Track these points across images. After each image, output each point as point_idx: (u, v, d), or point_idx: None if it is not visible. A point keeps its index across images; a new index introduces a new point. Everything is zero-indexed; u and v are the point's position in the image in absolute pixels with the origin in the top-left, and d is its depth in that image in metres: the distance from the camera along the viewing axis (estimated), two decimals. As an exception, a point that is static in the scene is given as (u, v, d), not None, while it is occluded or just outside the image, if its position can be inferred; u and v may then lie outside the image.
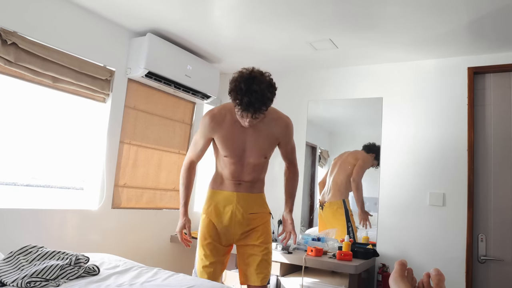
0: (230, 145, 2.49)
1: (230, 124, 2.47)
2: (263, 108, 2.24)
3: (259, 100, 2.19)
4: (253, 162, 2.54)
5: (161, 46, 3.52)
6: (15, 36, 2.70)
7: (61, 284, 1.98)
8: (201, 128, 2.53)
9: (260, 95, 2.19)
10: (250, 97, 2.17)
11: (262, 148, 2.52)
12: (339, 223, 3.87)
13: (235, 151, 2.49)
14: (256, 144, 2.49)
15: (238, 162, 2.53)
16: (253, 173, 2.58)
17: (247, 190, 2.60)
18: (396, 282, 0.89)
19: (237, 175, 2.56)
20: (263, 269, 2.55)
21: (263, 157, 2.55)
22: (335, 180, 3.99)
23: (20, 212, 2.79)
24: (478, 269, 3.29)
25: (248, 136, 2.48)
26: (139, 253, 3.63)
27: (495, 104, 3.40)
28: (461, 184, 3.38)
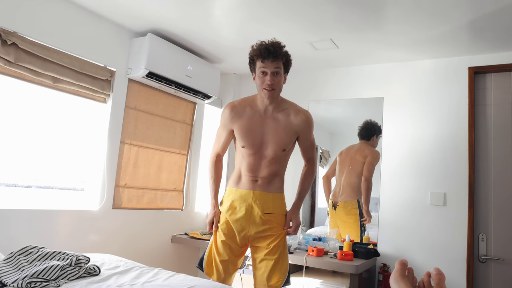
0: (249, 136, 2.52)
1: (250, 116, 2.54)
2: (281, 52, 2.43)
3: (276, 45, 2.43)
4: (271, 155, 2.52)
5: (161, 46, 3.52)
6: (15, 36, 2.70)
7: (61, 284, 1.98)
8: (222, 119, 2.62)
9: (276, 42, 2.45)
10: (266, 45, 2.41)
11: (281, 140, 2.52)
12: (353, 224, 3.84)
13: (253, 141, 2.52)
14: (275, 135, 2.51)
15: (256, 153, 2.53)
16: (270, 166, 2.54)
17: (264, 188, 2.56)
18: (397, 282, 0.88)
19: (255, 168, 2.54)
20: (273, 275, 2.51)
21: (282, 150, 2.53)
22: (347, 180, 3.96)
23: (20, 213, 2.79)
24: (479, 268, 3.28)
25: (267, 128, 2.52)
26: (140, 253, 3.63)
27: (495, 104, 3.40)
28: (462, 184, 3.38)
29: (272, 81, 2.42)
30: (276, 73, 2.43)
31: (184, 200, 4.19)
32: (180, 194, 4.15)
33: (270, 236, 2.55)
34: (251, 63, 2.52)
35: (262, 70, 2.43)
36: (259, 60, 2.43)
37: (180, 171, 4.14)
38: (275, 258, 2.52)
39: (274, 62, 2.41)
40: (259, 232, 2.54)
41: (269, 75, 2.42)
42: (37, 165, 3.06)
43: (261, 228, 2.53)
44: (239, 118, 2.54)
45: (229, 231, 2.57)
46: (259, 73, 2.45)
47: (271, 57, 2.39)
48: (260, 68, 2.44)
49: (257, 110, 2.54)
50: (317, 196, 4.15)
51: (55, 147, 3.16)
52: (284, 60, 2.46)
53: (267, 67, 2.42)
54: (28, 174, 3.01)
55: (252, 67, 2.52)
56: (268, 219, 2.54)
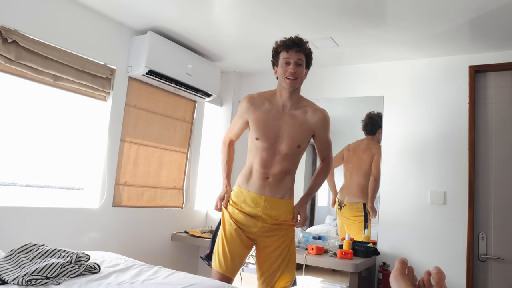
0: (264, 128, 2.53)
1: (268, 110, 2.56)
2: (305, 44, 2.53)
3: (301, 39, 2.53)
4: (285, 150, 2.51)
5: (161, 45, 3.52)
6: (15, 34, 2.70)
7: (62, 282, 1.98)
8: (239, 109, 2.64)
9: (300, 38, 2.55)
10: (292, 38, 2.52)
11: (296, 136, 2.53)
12: (358, 227, 3.83)
13: (268, 134, 2.52)
14: (291, 130, 2.52)
15: (270, 148, 2.52)
16: (283, 162, 2.53)
17: (274, 190, 2.53)
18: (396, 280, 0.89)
19: (267, 164, 2.52)
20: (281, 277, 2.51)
21: (296, 146, 2.53)
22: (355, 181, 3.94)
23: (21, 211, 2.79)
24: (479, 267, 3.29)
25: (284, 123, 2.53)
26: (140, 251, 3.63)
27: (496, 103, 3.40)
28: (462, 183, 3.38)
29: (294, 70, 2.47)
30: (299, 64, 2.49)
31: (184, 198, 4.19)
32: (180, 192, 4.16)
33: (278, 238, 2.54)
34: (274, 56, 2.58)
35: (286, 60, 2.49)
36: (284, 51, 2.50)
37: (180, 169, 4.15)
38: (283, 259, 2.52)
39: (298, 53, 2.48)
40: (267, 232, 2.54)
41: (292, 64, 2.47)
42: (37, 164, 3.07)
43: (269, 230, 2.54)
44: (256, 109, 2.56)
45: (240, 220, 2.55)
46: (282, 63, 2.50)
47: (296, 47, 2.48)
48: (284, 59, 2.50)
49: (275, 104, 2.56)
50: (317, 194, 4.14)
51: (55, 145, 3.16)
52: (307, 53, 2.53)
53: (290, 57, 2.48)
54: (28, 173, 3.01)
55: (275, 59, 2.57)
56: (279, 223, 2.55)
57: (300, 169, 4.06)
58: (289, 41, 2.50)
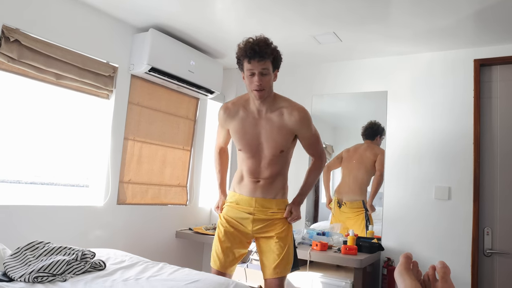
0: (244, 138, 2.48)
1: (243, 118, 2.49)
2: (268, 51, 2.32)
3: (262, 44, 2.32)
4: (269, 157, 2.47)
5: (163, 42, 3.52)
6: (17, 33, 2.70)
7: (67, 279, 1.99)
8: (218, 120, 2.61)
9: (264, 41, 2.34)
10: (252, 44, 2.32)
11: (277, 141, 2.45)
12: (359, 225, 3.83)
13: (249, 144, 2.47)
14: (270, 136, 2.45)
15: (254, 156, 2.48)
16: (270, 168, 2.50)
17: (265, 191, 2.52)
18: (401, 275, 0.88)
19: (255, 171, 2.50)
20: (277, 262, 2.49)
21: (279, 151, 2.47)
22: (355, 177, 3.94)
23: (26, 209, 2.80)
24: (484, 262, 3.28)
25: (262, 129, 2.46)
26: (145, 248, 3.64)
27: (501, 97, 3.38)
28: (467, 178, 3.37)
29: (260, 82, 2.34)
30: (264, 73, 2.35)
31: (188, 196, 4.20)
32: (184, 189, 4.16)
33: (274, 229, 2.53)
34: (238, 63, 2.44)
35: (250, 71, 2.36)
36: (246, 61, 2.36)
37: (183, 166, 4.15)
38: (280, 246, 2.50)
39: (261, 62, 2.32)
40: (262, 227, 2.53)
41: (257, 75, 2.34)
42: (41, 162, 3.08)
43: (264, 224, 2.53)
44: (232, 120, 2.51)
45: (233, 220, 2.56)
46: (247, 74, 2.38)
47: (258, 57, 2.31)
48: (247, 70, 2.37)
49: (250, 111, 2.48)
50: (321, 191, 4.14)
51: (59, 144, 3.17)
52: (272, 59, 2.37)
53: (254, 68, 2.34)
54: (32, 171, 3.02)
55: (240, 67, 2.45)
56: (271, 217, 2.53)
57: (304, 164, 4.06)
58: (250, 51, 2.32)
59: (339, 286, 3.12)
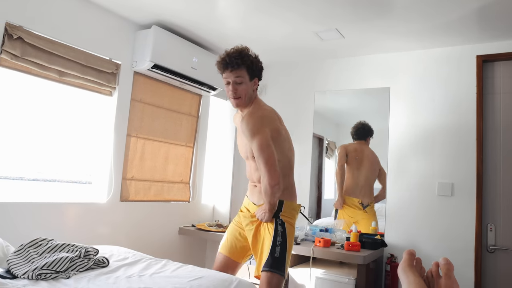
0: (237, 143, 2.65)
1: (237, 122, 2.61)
2: (239, 60, 2.41)
3: (233, 55, 2.43)
4: (251, 162, 2.54)
5: (166, 39, 3.51)
6: (20, 30, 2.70)
7: (71, 276, 2.00)
8: None
9: (236, 50, 2.45)
10: (224, 57, 2.45)
11: (242, 147, 2.56)
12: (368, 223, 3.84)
13: (239, 148, 2.63)
14: (240, 142, 2.59)
15: (246, 160, 2.60)
16: (256, 172, 2.51)
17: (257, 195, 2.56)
18: (405, 272, 0.88)
19: (249, 174, 2.61)
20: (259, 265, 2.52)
21: (251, 156, 2.46)
22: (368, 181, 3.93)
23: (30, 206, 2.81)
24: (487, 258, 3.27)
25: (239, 135, 2.61)
26: (148, 245, 3.65)
27: (504, 93, 3.37)
28: (469, 174, 3.36)
29: (234, 90, 2.45)
30: (238, 82, 2.44)
31: (190, 192, 4.20)
32: (186, 186, 4.17)
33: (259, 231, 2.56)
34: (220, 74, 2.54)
35: (225, 80, 2.49)
36: (221, 71, 2.50)
37: (186, 163, 4.15)
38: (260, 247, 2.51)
39: (233, 71, 2.43)
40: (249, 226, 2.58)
41: (231, 85, 2.45)
42: (44, 159, 3.08)
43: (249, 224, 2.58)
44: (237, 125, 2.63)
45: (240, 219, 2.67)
46: (224, 83, 2.51)
47: (229, 67, 2.43)
48: (224, 79, 2.50)
49: (238, 118, 2.59)
50: (324, 187, 4.14)
51: (62, 141, 3.18)
52: (246, 67, 2.44)
53: (228, 77, 2.46)
54: (35, 167, 3.02)
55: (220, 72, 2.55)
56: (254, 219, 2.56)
57: (307, 161, 4.06)
58: (222, 62, 2.45)
59: (342, 283, 3.13)
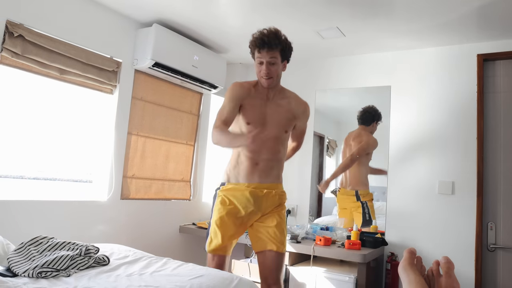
0: (255, 112, 2.58)
1: (254, 95, 2.61)
2: (276, 41, 2.46)
3: (273, 33, 2.47)
4: (273, 134, 2.56)
5: (167, 37, 3.51)
6: (21, 28, 2.70)
7: (71, 274, 2.00)
8: (229, 94, 2.61)
9: (274, 31, 2.49)
10: (262, 35, 2.46)
11: (283, 120, 2.61)
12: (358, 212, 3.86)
13: (259, 118, 2.58)
14: (277, 116, 2.59)
15: (260, 132, 2.50)
16: (272, 148, 2.56)
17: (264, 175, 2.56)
18: (405, 270, 0.88)
19: (257, 148, 2.50)
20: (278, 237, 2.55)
21: (284, 131, 2.62)
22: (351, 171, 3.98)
23: (30, 204, 2.82)
24: (488, 257, 3.27)
25: (270, 110, 2.60)
26: (149, 243, 3.65)
27: (505, 92, 3.36)
28: (470, 172, 3.36)
29: (268, 70, 2.50)
30: (272, 63, 2.49)
31: (191, 191, 4.21)
32: (187, 184, 4.17)
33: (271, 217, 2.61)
34: (251, 52, 2.59)
35: (259, 60, 2.51)
36: (256, 50, 2.51)
37: (187, 161, 4.15)
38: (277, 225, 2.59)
39: (269, 52, 2.47)
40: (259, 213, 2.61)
41: (265, 64, 2.49)
42: (44, 157, 3.08)
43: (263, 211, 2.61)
44: (246, 94, 2.59)
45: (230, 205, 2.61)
46: (256, 62, 2.54)
47: (266, 47, 2.46)
48: (257, 58, 2.53)
49: (259, 93, 2.62)
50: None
51: (62, 139, 3.18)
52: (280, 49, 2.50)
53: (262, 57, 2.49)
54: (35, 166, 3.02)
55: (252, 55, 2.59)
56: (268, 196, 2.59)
57: (308, 159, 4.06)
58: (259, 41, 2.48)
59: (342, 281, 3.13)
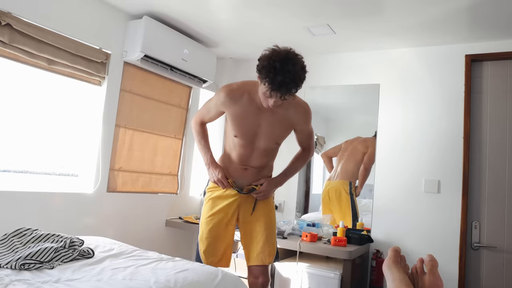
0: (243, 125, 2.41)
1: (247, 104, 2.38)
2: (294, 90, 2.15)
3: (293, 80, 2.11)
4: (263, 147, 2.48)
5: (157, 30, 3.49)
6: (9, 17, 2.66)
7: (55, 266, 1.98)
8: (215, 99, 2.47)
9: (294, 76, 2.10)
10: (284, 77, 2.08)
11: (275, 134, 2.46)
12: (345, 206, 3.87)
13: (247, 132, 2.42)
14: (269, 129, 2.42)
15: (248, 145, 2.47)
16: (262, 158, 2.54)
17: (252, 178, 2.59)
18: (389, 268, 0.89)
19: (245, 159, 2.52)
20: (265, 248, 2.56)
21: (275, 143, 2.51)
22: (344, 167, 3.97)
23: (14, 195, 2.78)
24: (471, 255, 3.31)
25: (263, 120, 2.41)
26: (135, 236, 3.64)
27: (491, 92, 3.40)
28: (456, 172, 3.39)
29: (275, 105, 2.22)
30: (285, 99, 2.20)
31: (178, 184, 4.19)
32: (174, 178, 4.16)
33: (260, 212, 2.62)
34: (258, 71, 2.20)
35: (268, 94, 2.17)
36: (267, 85, 2.13)
37: (175, 155, 4.14)
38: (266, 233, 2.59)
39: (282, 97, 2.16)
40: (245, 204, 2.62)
41: (273, 101, 2.19)
42: (30, 149, 3.04)
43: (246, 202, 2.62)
44: (234, 104, 2.38)
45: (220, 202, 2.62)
46: (265, 92, 2.18)
47: (281, 92, 2.13)
48: (266, 91, 2.16)
49: (255, 99, 2.37)
50: (312, 182, 4.16)
51: (49, 130, 3.14)
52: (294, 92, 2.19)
53: (273, 96, 2.16)
54: (21, 158, 2.98)
55: (259, 76, 2.20)
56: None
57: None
58: (277, 83, 2.09)
59: (328, 277, 3.14)
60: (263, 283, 2.55)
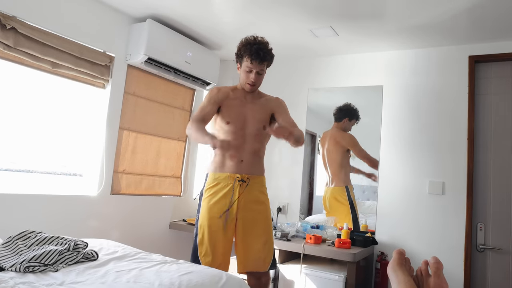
0: (233, 112, 2.73)
1: (233, 98, 2.77)
2: (269, 57, 2.67)
3: (267, 49, 2.67)
4: (253, 131, 2.71)
5: (161, 32, 3.50)
6: (14, 20, 2.67)
7: (59, 269, 1.98)
8: (208, 97, 2.76)
9: (267, 46, 2.67)
10: (259, 45, 2.63)
11: (259, 116, 2.76)
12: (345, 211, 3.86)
13: (237, 117, 2.72)
14: (255, 113, 2.75)
15: (240, 130, 2.70)
16: (253, 144, 2.71)
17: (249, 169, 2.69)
18: (394, 271, 0.89)
19: (239, 146, 2.66)
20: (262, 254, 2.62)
21: (262, 125, 2.75)
22: (334, 173, 4.01)
23: (19, 197, 2.79)
24: (477, 257, 3.30)
25: (248, 110, 2.75)
26: (138, 239, 3.64)
27: (495, 94, 3.39)
28: (460, 173, 3.38)
29: (256, 79, 2.69)
30: (260, 73, 2.70)
31: (182, 187, 4.20)
32: (178, 180, 4.16)
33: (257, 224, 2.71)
34: (238, 56, 2.73)
35: (248, 68, 2.67)
36: (248, 59, 2.65)
37: (178, 157, 4.14)
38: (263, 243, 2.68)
39: (261, 64, 2.65)
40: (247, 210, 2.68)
41: (254, 73, 2.67)
42: (35, 150, 3.05)
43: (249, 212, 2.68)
44: (225, 97, 2.76)
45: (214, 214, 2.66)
46: (245, 68, 2.69)
47: (259, 59, 2.63)
48: (246, 66, 2.67)
49: (237, 96, 2.79)
50: (315, 183, 4.15)
51: (54, 133, 3.15)
52: (268, 62, 2.72)
53: (253, 67, 2.66)
54: (25, 159, 3.00)
55: (239, 59, 2.73)
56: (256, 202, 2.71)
57: (299, 158, 4.06)
58: (255, 53, 2.61)
59: (332, 280, 3.14)
60: (265, 282, 2.68)
